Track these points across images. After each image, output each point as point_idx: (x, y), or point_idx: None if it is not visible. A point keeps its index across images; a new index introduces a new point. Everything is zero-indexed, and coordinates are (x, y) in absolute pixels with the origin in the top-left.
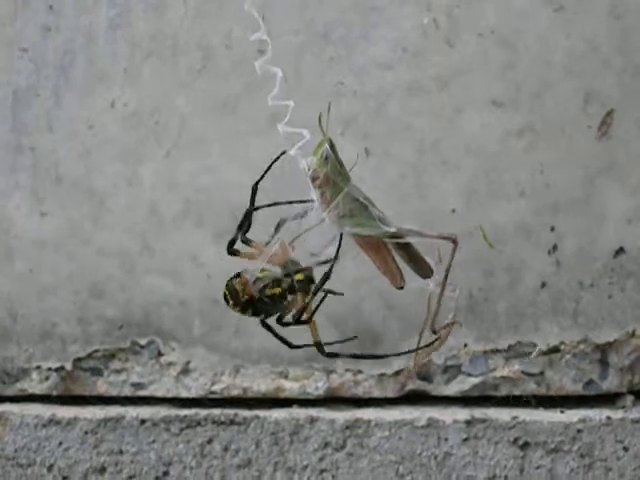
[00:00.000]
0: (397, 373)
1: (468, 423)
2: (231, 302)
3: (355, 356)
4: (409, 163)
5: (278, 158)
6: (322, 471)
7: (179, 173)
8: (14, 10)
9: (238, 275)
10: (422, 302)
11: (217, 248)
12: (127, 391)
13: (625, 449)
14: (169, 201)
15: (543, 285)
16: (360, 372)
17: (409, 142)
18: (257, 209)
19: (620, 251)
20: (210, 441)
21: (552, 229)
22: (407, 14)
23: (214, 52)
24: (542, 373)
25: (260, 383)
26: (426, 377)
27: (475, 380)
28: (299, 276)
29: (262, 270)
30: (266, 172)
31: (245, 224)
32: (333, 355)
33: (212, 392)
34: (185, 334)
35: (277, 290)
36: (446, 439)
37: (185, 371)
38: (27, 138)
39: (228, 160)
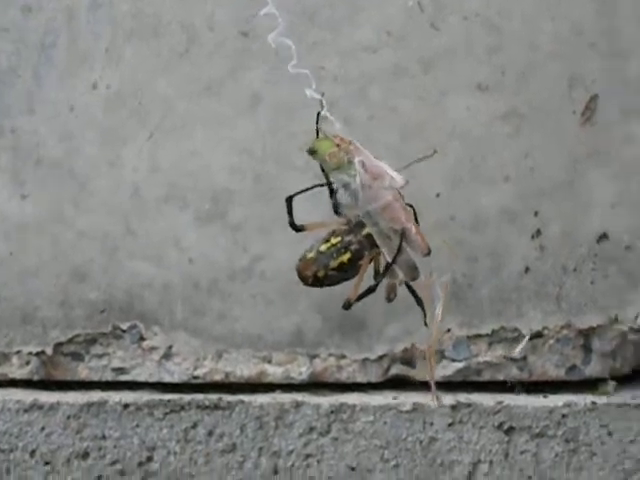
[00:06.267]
0: (380, 358)
1: (453, 408)
2: (303, 284)
3: None
4: (393, 147)
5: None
6: (307, 456)
7: (162, 156)
8: None
9: (304, 254)
10: (404, 287)
11: (200, 232)
12: (108, 376)
13: (609, 434)
14: (152, 184)
15: (527, 270)
16: (344, 357)
17: (393, 126)
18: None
19: (603, 237)
20: (194, 426)
21: (536, 214)
22: None
23: (197, 34)
24: (525, 358)
25: (243, 368)
26: (409, 362)
27: (458, 365)
28: (368, 230)
29: (329, 239)
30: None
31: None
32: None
33: (195, 377)
34: (168, 318)
35: (345, 257)
36: (431, 424)
37: (167, 356)
38: (8, 120)
39: (212, 143)
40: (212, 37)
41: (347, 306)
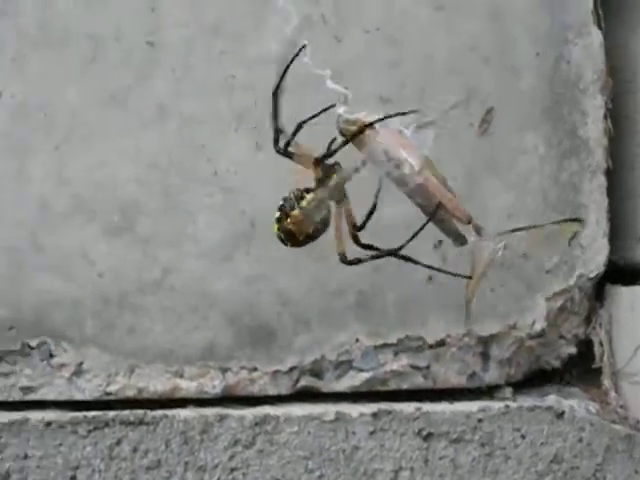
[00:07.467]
0: (291, 370)
1: (374, 416)
2: (289, 244)
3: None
4: None
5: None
6: (233, 470)
7: (69, 167)
8: None
9: (285, 213)
10: (314, 297)
11: (108, 245)
12: (15, 395)
13: (522, 437)
14: (59, 196)
15: (429, 279)
16: (255, 369)
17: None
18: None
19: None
20: (119, 442)
21: None
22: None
23: (104, 43)
24: (429, 367)
25: (156, 383)
26: (317, 374)
27: (366, 375)
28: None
29: (302, 195)
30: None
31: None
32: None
33: (107, 393)
34: (78, 334)
35: (326, 210)
36: (354, 432)
37: (78, 372)
38: None
39: (119, 154)
40: (118, 47)
41: (345, 260)
